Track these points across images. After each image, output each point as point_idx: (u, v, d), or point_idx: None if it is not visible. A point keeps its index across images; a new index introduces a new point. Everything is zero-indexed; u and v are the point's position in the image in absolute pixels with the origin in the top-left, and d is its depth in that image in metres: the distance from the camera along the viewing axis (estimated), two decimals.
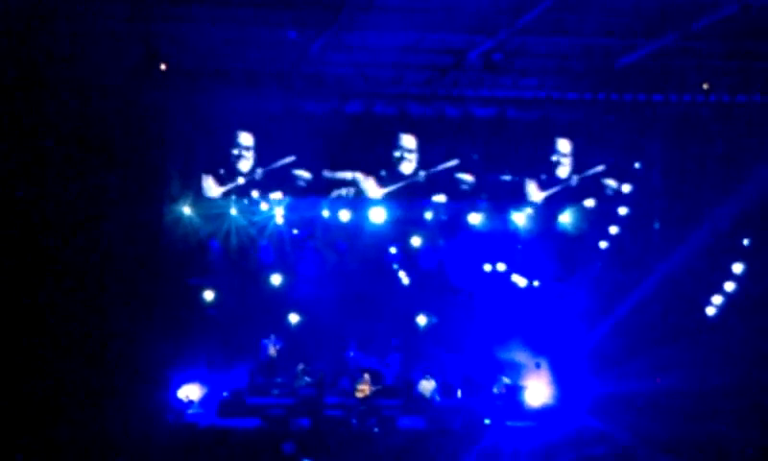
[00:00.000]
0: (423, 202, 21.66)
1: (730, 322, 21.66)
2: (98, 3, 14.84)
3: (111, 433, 16.73)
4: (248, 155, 20.19)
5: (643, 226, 21.98)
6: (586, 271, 22.20)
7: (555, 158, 21.18)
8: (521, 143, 21.04)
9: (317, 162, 20.44)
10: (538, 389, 21.55)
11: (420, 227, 22.59)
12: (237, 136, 20.11)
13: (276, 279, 22.62)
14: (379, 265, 23.12)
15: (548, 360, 21.99)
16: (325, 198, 21.17)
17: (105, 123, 17.77)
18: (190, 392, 20.69)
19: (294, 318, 22.88)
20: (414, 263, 23.29)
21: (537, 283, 22.80)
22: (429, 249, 23.05)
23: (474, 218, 22.04)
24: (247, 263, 22.35)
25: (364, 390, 21.23)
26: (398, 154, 20.68)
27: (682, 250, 21.01)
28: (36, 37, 15.84)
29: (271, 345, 22.35)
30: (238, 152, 20.15)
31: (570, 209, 22.00)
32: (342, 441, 18.42)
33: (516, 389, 21.57)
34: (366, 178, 20.75)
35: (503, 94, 20.08)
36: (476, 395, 21.66)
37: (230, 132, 20.04)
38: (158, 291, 18.99)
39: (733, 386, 20.24)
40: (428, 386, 21.58)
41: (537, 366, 21.99)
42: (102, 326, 17.82)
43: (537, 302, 22.54)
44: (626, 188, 21.43)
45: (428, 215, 22.34)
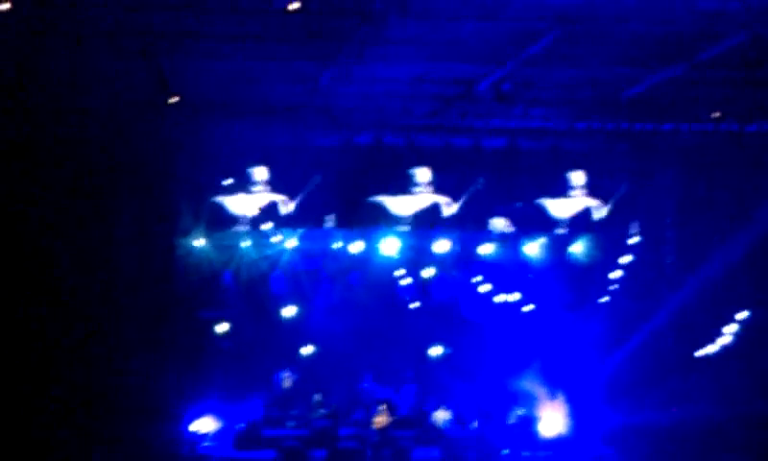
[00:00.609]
0: (434, 232, 21.68)
1: (747, 351, 21.57)
2: (108, 37, 14.96)
3: None
4: (260, 187, 20.27)
5: (655, 255, 21.96)
6: (599, 300, 22.17)
7: (572, 184, 21.12)
8: (531, 173, 21.06)
9: (328, 194, 20.53)
10: (552, 419, 21.49)
11: (432, 257, 22.61)
12: (247, 169, 20.20)
13: (289, 311, 22.69)
14: (392, 296, 23.17)
15: (563, 390, 21.93)
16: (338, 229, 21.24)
17: (114, 156, 17.90)
18: (204, 424, 20.74)
19: (307, 350, 22.92)
20: (426, 294, 23.33)
21: (548, 313, 22.75)
22: (441, 280, 23.09)
23: (486, 248, 22.08)
24: (259, 295, 22.43)
25: (381, 421, 21.25)
26: (413, 188, 20.70)
27: (695, 278, 20.96)
28: (45, 70, 15.95)
29: (285, 377, 22.42)
30: (249, 184, 20.26)
31: (582, 239, 22.01)
32: None
33: (531, 419, 21.52)
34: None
35: (512, 125, 20.14)
36: (491, 425, 21.62)
37: (241, 164, 20.13)
38: (171, 324, 19.06)
39: (749, 417, 20.15)
40: (443, 417, 21.58)
41: (551, 396, 21.93)
42: (115, 359, 17.88)
43: (550, 331, 22.50)
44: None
45: (439, 246, 22.36)
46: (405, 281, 23.05)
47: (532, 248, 22.34)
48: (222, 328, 22.08)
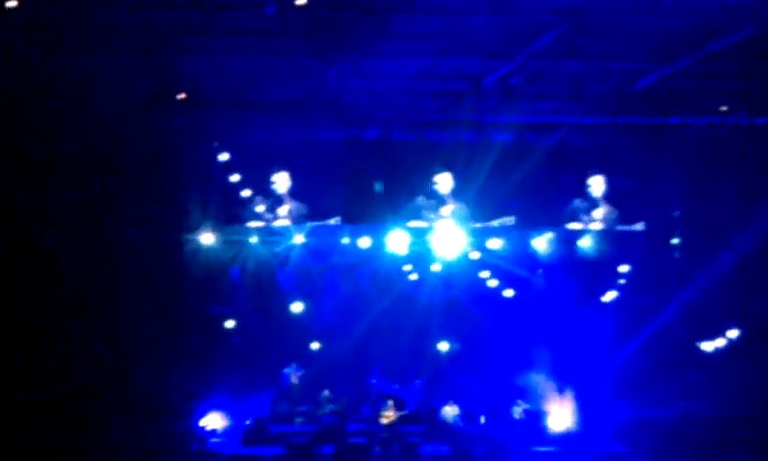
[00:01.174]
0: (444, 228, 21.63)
1: (755, 347, 21.51)
2: (114, 34, 14.98)
3: None
4: (275, 183, 20.31)
5: (664, 249, 21.90)
6: (607, 295, 22.11)
7: (589, 183, 21.07)
8: (541, 168, 21.03)
9: (337, 189, 20.53)
10: (561, 414, 21.44)
11: (440, 252, 22.56)
12: (258, 165, 20.22)
13: (298, 307, 22.64)
14: (399, 292, 23.11)
15: (571, 385, 21.88)
16: (346, 225, 21.21)
17: (121, 154, 17.84)
18: (213, 420, 20.74)
19: (315, 345, 22.89)
20: (434, 289, 23.27)
21: (557, 308, 22.69)
22: (449, 275, 23.04)
23: (494, 243, 22.00)
24: (268, 291, 22.37)
25: (389, 416, 21.25)
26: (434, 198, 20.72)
27: (703, 273, 20.91)
28: (52, 69, 15.95)
29: (292, 373, 22.42)
30: (260, 180, 20.28)
31: (591, 234, 21.91)
32: None
33: (539, 414, 21.48)
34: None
35: (521, 119, 20.13)
36: (499, 420, 21.60)
37: (248, 160, 20.13)
38: (180, 320, 19.03)
39: (758, 413, 20.10)
40: (451, 412, 21.56)
41: (560, 391, 21.89)
42: (122, 356, 17.84)
43: (558, 326, 22.43)
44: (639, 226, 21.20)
45: (448, 242, 22.29)
46: (413, 277, 22.99)
47: (540, 242, 22.26)
48: (230, 325, 22.05)
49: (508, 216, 20.92)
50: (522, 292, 22.82)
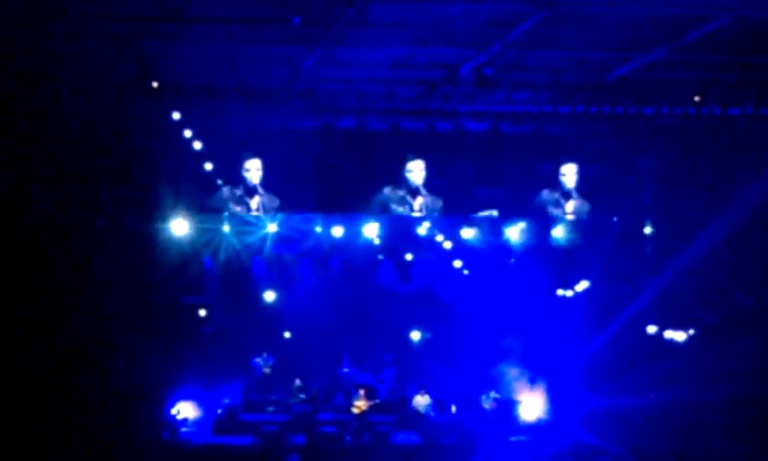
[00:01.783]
0: (417, 217, 21.63)
1: (725, 336, 21.61)
2: (89, 21, 14.84)
3: (105, 451, 16.67)
4: (248, 171, 20.23)
5: (636, 239, 21.98)
6: (578, 285, 22.19)
7: (562, 171, 21.11)
8: (515, 157, 21.04)
9: (310, 178, 20.46)
10: (532, 403, 21.51)
11: (413, 242, 22.55)
12: (231, 153, 20.12)
13: (270, 296, 22.61)
14: (372, 281, 23.12)
15: (542, 375, 21.94)
16: (317, 214, 21.19)
17: (94, 141, 17.70)
18: (184, 409, 20.66)
19: (287, 334, 22.85)
20: (406, 278, 23.29)
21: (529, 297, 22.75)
22: (422, 264, 23.06)
23: (467, 232, 22.00)
24: (240, 280, 22.34)
25: (360, 406, 21.25)
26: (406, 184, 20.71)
27: (675, 263, 20.98)
28: (26, 54, 15.79)
29: (264, 362, 22.38)
30: (232, 167, 20.20)
31: (563, 223, 21.94)
32: (336, 457, 18.42)
33: (511, 404, 21.52)
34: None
35: (495, 109, 20.12)
36: (470, 410, 21.62)
37: (223, 148, 20.02)
38: (151, 309, 18.93)
39: (729, 401, 20.17)
40: (423, 402, 21.58)
41: (531, 381, 21.95)
42: (95, 343, 17.73)
43: (530, 316, 22.49)
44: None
45: (421, 230, 22.29)
46: (386, 266, 23.00)
47: (513, 232, 22.29)
48: (203, 313, 21.98)
49: (486, 207, 21.02)
50: (495, 282, 22.89)
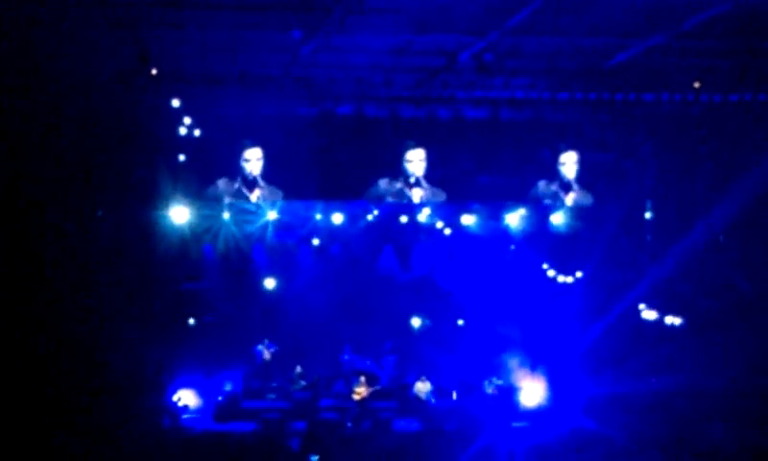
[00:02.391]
0: (418, 204, 21.64)
1: (725, 323, 21.63)
2: (87, 8, 14.81)
3: (107, 438, 16.67)
4: (247, 161, 20.23)
5: (636, 225, 22.00)
6: (579, 271, 22.21)
7: (562, 160, 21.12)
8: (515, 144, 21.04)
9: (309, 165, 20.46)
10: (532, 390, 21.52)
11: (414, 229, 22.59)
12: (230, 140, 20.12)
13: (270, 283, 22.62)
14: (372, 267, 23.14)
15: (543, 361, 21.96)
16: (318, 201, 21.21)
17: (94, 129, 17.73)
18: (186, 396, 20.68)
19: (289, 321, 22.87)
20: (407, 266, 23.31)
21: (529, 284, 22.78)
22: (422, 251, 23.07)
23: (467, 219, 22.02)
24: (241, 267, 22.36)
25: (361, 392, 21.27)
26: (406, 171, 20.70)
27: (675, 249, 21.00)
28: (25, 40, 15.77)
29: (265, 349, 22.40)
30: (232, 155, 20.20)
31: (563, 210, 21.97)
32: (337, 444, 18.42)
33: (511, 390, 21.54)
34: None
35: (495, 95, 20.13)
36: (471, 396, 21.64)
37: (223, 135, 20.02)
38: (153, 297, 18.98)
39: (729, 387, 20.20)
40: (423, 388, 21.59)
41: (532, 367, 21.97)
42: (96, 331, 17.76)
43: (530, 303, 22.51)
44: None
45: (422, 217, 22.33)
46: (386, 253, 23.03)
47: (513, 218, 22.32)
48: (204, 300, 22.00)
49: (486, 193, 21.04)
50: (495, 268, 22.92)
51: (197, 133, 19.81)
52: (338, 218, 21.81)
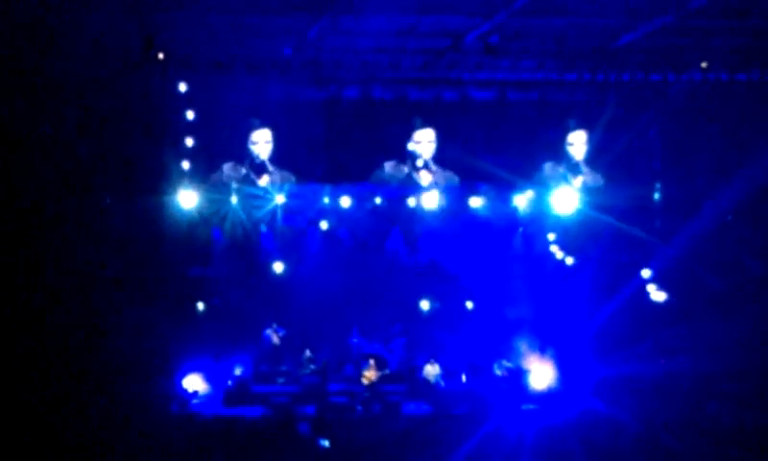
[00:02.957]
0: (426, 187, 21.61)
1: (735, 305, 21.59)
2: None
3: (116, 423, 16.72)
4: (255, 144, 20.23)
5: (644, 207, 21.94)
6: (588, 253, 22.14)
7: (570, 141, 21.07)
8: (522, 125, 21.01)
9: (317, 149, 20.47)
10: (542, 372, 21.47)
11: (422, 212, 22.53)
12: (238, 125, 20.12)
13: (279, 267, 22.59)
14: (381, 251, 23.09)
15: (552, 344, 21.93)
16: (326, 184, 21.17)
17: (101, 114, 17.73)
18: (194, 382, 20.68)
19: (297, 305, 22.84)
20: (415, 248, 23.25)
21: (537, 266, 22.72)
22: (431, 233, 23.01)
23: (475, 202, 21.97)
24: (249, 252, 22.33)
25: (370, 376, 21.26)
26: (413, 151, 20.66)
27: (684, 231, 20.96)
28: (29, 26, 15.78)
29: (273, 333, 22.40)
30: (239, 140, 20.20)
31: (572, 192, 21.88)
32: (346, 427, 18.44)
33: (521, 372, 21.51)
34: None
35: (502, 76, 20.10)
36: (481, 379, 21.62)
37: (230, 120, 20.02)
38: (161, 282, 18.98)
39: (738, 369, 20.17)
40: (433, 371, 21.57)
41: (541, 349, 21.94)
42: (104, 317, 17.79)
43: (540, 285, 22.47)
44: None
45: (429, 201, 22.25)
46: (394, 236, 22.96)
47: (521, 200, 22.24)
48: (212, 285, 21.99)
49: (494, 175, 20.97)
50: (503, 250, 22.86)
51: (203, 118, 19.81)
52: (346, 202, 21.75)
